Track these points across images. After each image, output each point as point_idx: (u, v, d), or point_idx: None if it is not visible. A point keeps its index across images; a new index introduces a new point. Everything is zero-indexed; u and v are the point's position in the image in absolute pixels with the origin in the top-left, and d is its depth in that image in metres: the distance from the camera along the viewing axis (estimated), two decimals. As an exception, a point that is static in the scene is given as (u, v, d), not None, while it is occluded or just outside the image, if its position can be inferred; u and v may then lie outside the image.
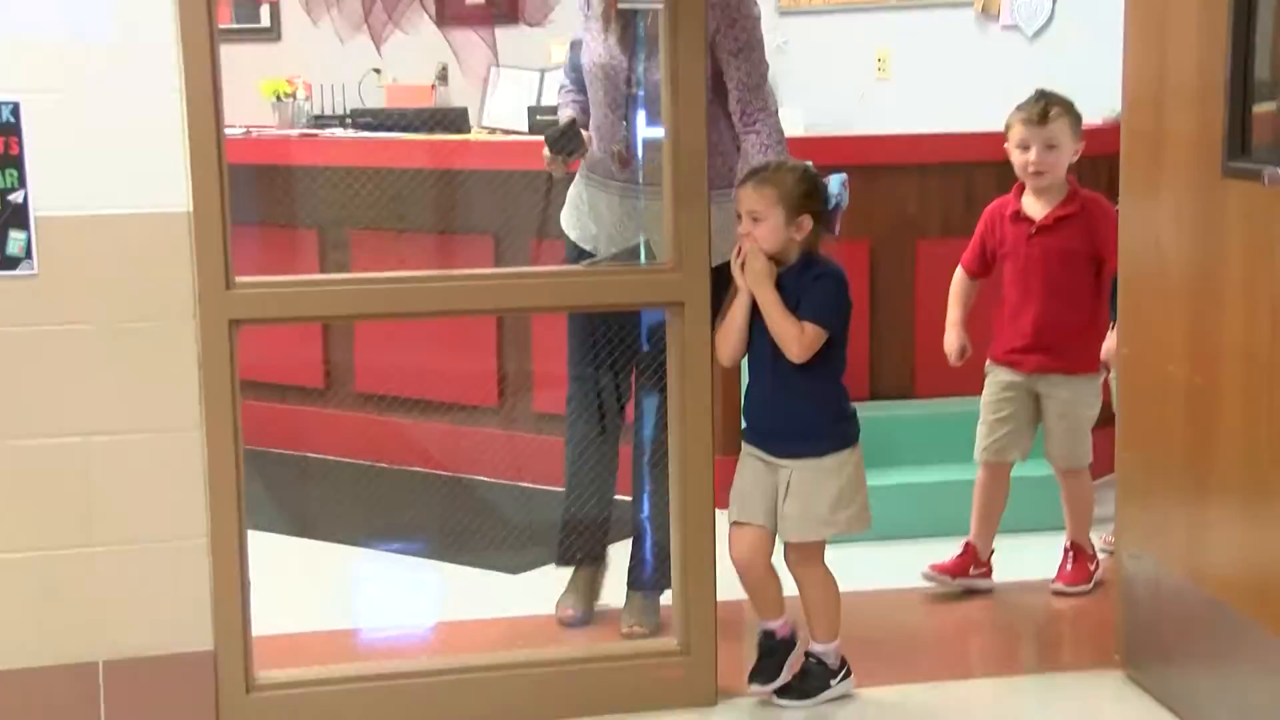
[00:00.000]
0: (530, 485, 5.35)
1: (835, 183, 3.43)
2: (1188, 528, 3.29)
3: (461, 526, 5.02)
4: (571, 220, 3.97)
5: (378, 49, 3.07)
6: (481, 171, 5.48)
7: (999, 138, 4.26)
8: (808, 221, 3.37)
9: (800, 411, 3.45)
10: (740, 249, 3.41)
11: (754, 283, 3.39)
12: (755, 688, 3.50)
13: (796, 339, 3.36)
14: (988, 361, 4.31)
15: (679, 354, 3.43)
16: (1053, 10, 7.27)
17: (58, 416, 3.16)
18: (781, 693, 3.51)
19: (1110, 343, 4.14)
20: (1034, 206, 4.19)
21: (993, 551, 4.32)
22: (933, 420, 4.90)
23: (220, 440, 3.22)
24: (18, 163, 3.07)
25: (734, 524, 3.53)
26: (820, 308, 3.38)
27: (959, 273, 4.35)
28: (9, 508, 3.16)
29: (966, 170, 5.13)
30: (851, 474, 3.49)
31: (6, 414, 3.14)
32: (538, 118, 5.90)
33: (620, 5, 3.39)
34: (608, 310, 3.82)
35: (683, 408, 3.44)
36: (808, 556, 3.52)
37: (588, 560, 4.09)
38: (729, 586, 3.59)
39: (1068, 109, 4.16)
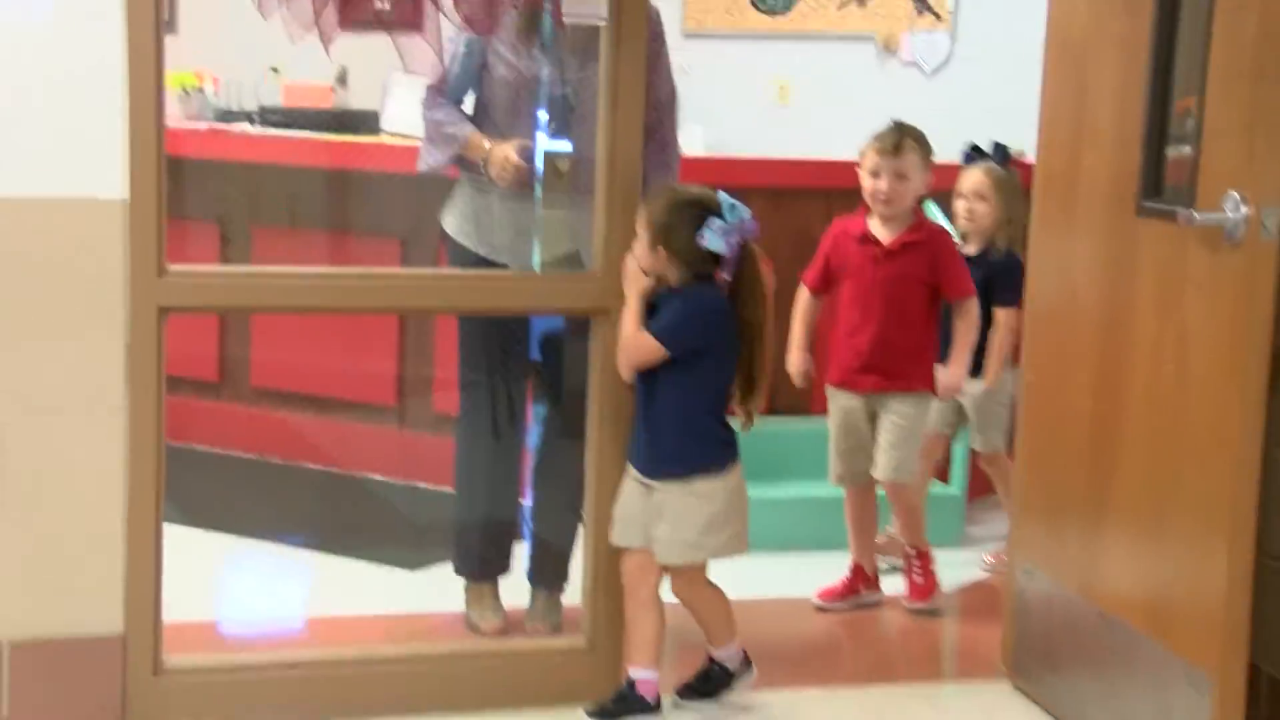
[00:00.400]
0: (427, 485, 5.38)
1: (715, 232, 3.34)
2: (1084, 548, 3.41)
3: (359, 523, 5.04)
4: (467, 230, 3.90)
5: (326, 49, 3.07)
6: (389, 175, 5.50)
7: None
8: (663, 254, 3.36)
9: (666, 433, 3.44)
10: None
11: (624, 283, 3.42)
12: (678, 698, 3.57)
13: (623, 347, 3.40)
14: (827, 386, 4.42)
15: (602, 360, 3.48)
16: (951, 50, 7.50)
17: None
18: (683, 692, 3.57)
19: (952, 377, 4.34)
20: (881, 231, 4.29)
21: (878, 566, 4.46)
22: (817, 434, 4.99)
23: (143, 426, 3.21)
24: None
25: (618, 548, 3.53)
26: (662, 324, 3.37)
27: (803, 291, 4.42)
28: None
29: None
30: (725, 499, 3.46)
31: None
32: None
33: (565, 19, 3.43)
34: (507, 316, 3.84)
35: (601, 414, 3.50)
36: (686, 580, 3.52)
37: (498, 573, 4.09)
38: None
39: (920, 142, 4.29)
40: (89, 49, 3.11)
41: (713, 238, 3.34)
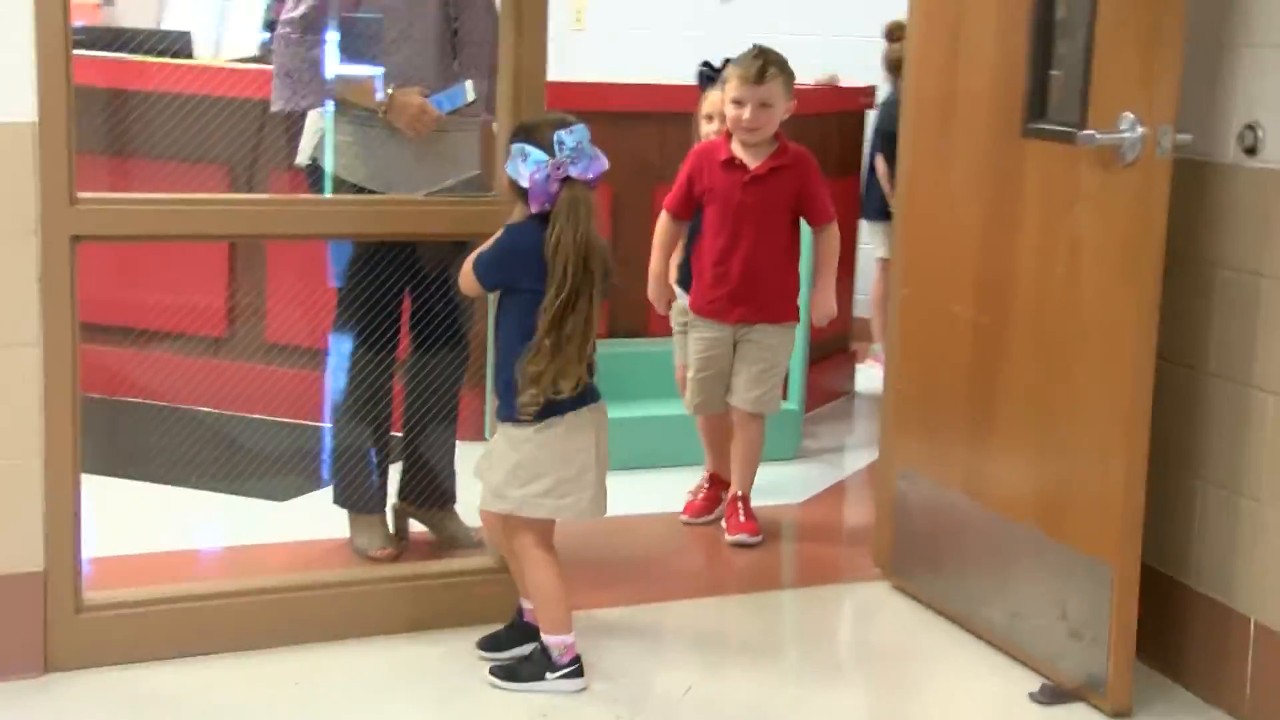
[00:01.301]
0: (265, 416, 5.34)
1: (514, 160, 3.17)
2: (971, 452, 3.59)
3: (210, 457, 4.97)
4: (353, 165, 3.80)
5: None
6: (216, 98, 5.38)
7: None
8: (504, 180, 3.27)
9: (496, 370, 3.34)
10: None
11: None
12: (478, 651, 3.42)
13: (462, 273, 3.31)
14: (688, 313, 4.36)
15: (508, 284, 3.52)
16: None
17: None
18: (495, 669, 3.32)
19: (826, 305, 4.29)
20: (745, 155, 4.21)
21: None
22: (665, 357, 5.08)
23: (58, 357, 3.12)
24: None
25: None
26: (479, 253, 3.26)
27: (664, 217, 4.34)
28: None
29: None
30: (531, 453, 3.20)
31: None
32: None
33: None
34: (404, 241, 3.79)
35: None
36: (496, 528, 3.36)
37: (383, 503, 4.06)
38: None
39: (783, 68, 4.20)
40: None
41: (511, 166, 3.17)
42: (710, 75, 4.56)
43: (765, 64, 4.16)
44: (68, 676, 3.19)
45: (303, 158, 3.85)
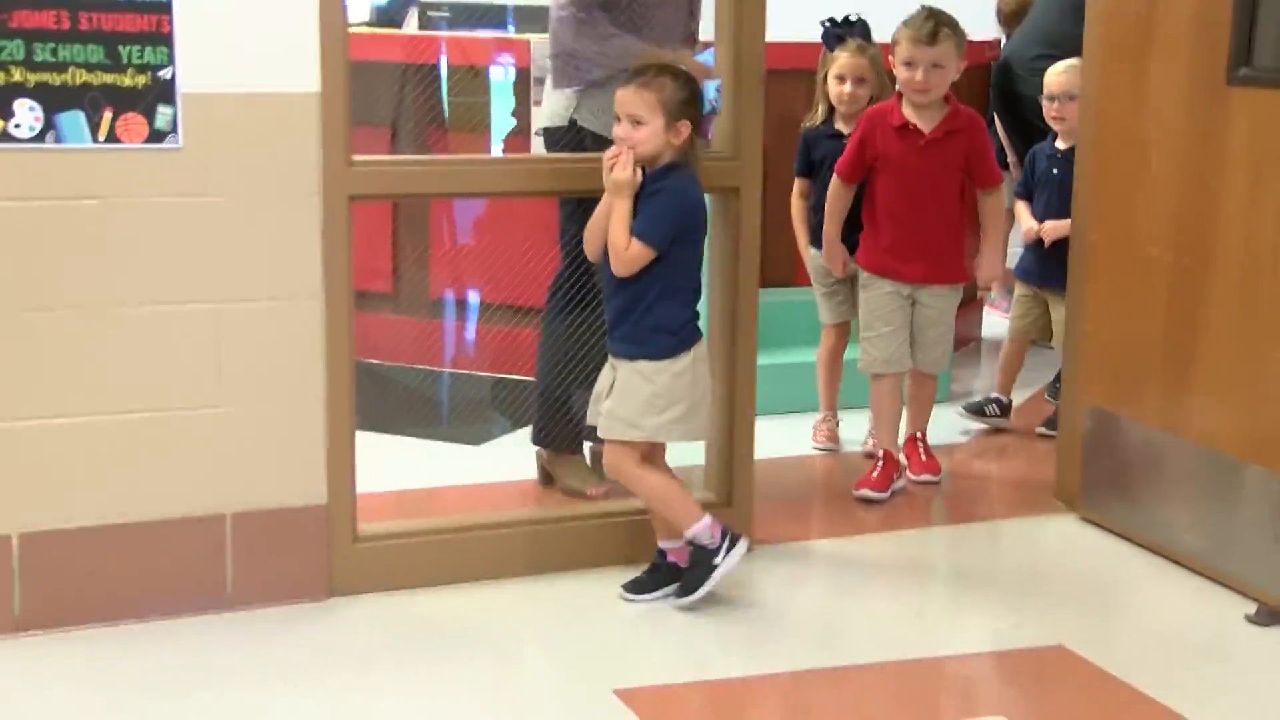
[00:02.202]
0: (431, 368, 5.60)
1: (711, 88, 3.45)
2: (1167, 388, 3.75)
3: (403, 406, 5.21)
4: (606, 121, 3.85)
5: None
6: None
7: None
8: (685, 127, 3.34)
9: (624, 316, 3.43)
10: (615, 152, 3.37)
11: (614, 190, 3.35)
12: (624, 594, 3.52)
13: (620, 254, 3.34)
14: (860, 269, 4.39)
15: (733, 237, 3.70)
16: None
17: (193, 283, 3.23)
18: (678, 593, 3.47)
19: (994, 267, 4.37)
20: (919, 119, 4.20)
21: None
22: (812, 305, 5.20)
23: (338, 307, 3.35)
24: (168, 40, 3.11)
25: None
26: (649, 225, 3.34)
27: (835, 182, 4.35)
28: (147, 369, 3.22)
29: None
30: (667, 383, 3.38)
31: (147, 280, 3.18)
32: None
33: None
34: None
35: (736, 283, 3.72)
36: (617, 456, 3.46)
37: (580, 443, 4.25)
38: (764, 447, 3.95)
39: (954, 29, 4.17)
40: None
41: (718, 99, 3.41)
42: (838, 35, 4.67)
43: (937, 25, 4.15)
44: (348, 600, 3.43)
45: (555, 120, 4.02)
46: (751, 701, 3.15)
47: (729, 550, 3.44)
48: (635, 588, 3.53)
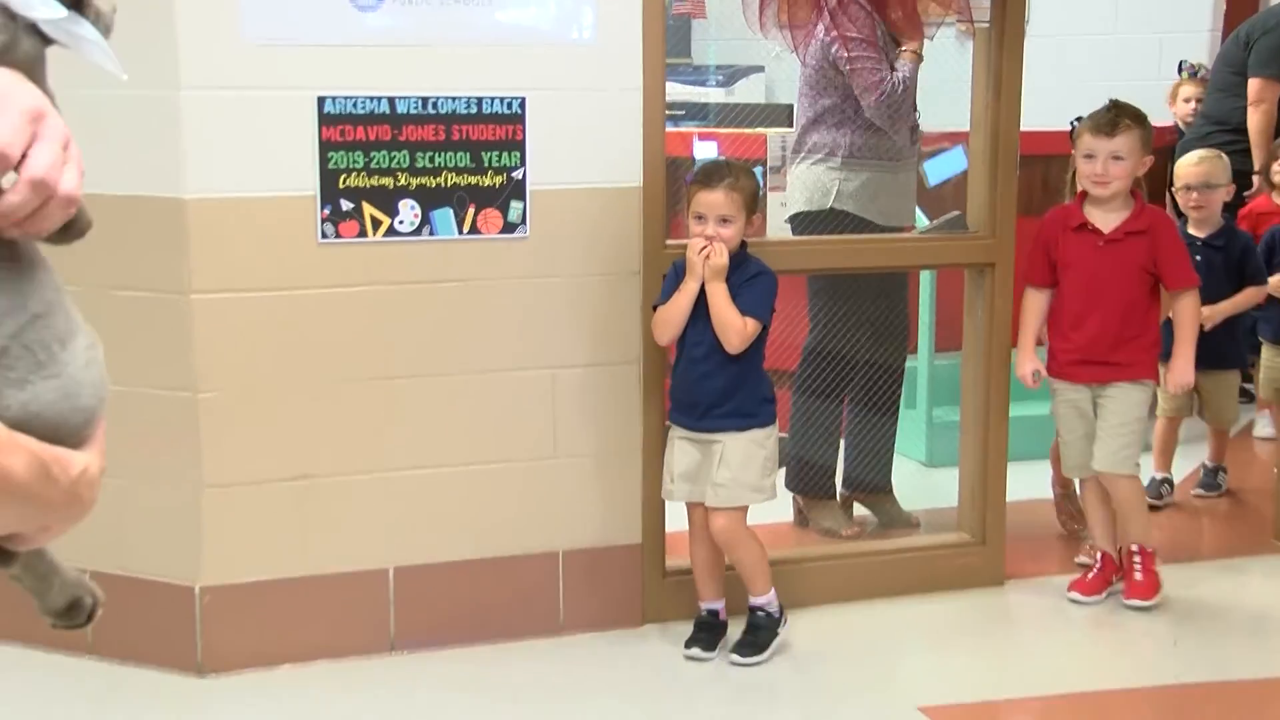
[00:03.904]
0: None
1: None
2: None
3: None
4: (864, 203, 4.33)
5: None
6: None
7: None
8: (757, 220, 3.68)
9: (731, 392, 3.58)
10: (706, 244, 3.52)
11: (713, 278, 3.49)
12: (696, 652, 3.66)
13: (740, 331, 3.48)
14: (1049, 378, 4.11)
15: (988, 306, 4.02)
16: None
17: (533, 352, 3.64)
18: (742, 653, 3.65)
19: (1181, 373, 4.03)
20: (1099, 218, 3.98)
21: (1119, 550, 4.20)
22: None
23: (652, 371, 3.74)
24: (521, 146, 3.55)
25: (691, 506, 3.67)
26: (758, 305, 3.52)
27: (1029, 290, 4.11)
28: (493, 427, 3.63)
29: (1044, 162, 5.54)
30: (773, 448, 3.63)
31: (497, 349, 3.61)
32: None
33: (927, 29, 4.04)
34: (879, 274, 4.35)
35: (990, 347, 4.05)
36: (734, 521, 3.60)
37: (834, 488, 4.63)
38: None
39: (1138, 120, 3.97)
40: (614, 64, 3.62)
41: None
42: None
43: (1118, 115, 3.95)
44: (660, 627, 3.81)
45: (813, 205, 4.39)
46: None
47: (784, 622, 3.71)
48: (749, 652, 3.66)
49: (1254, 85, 6.04)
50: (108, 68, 1.15)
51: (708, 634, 3.69)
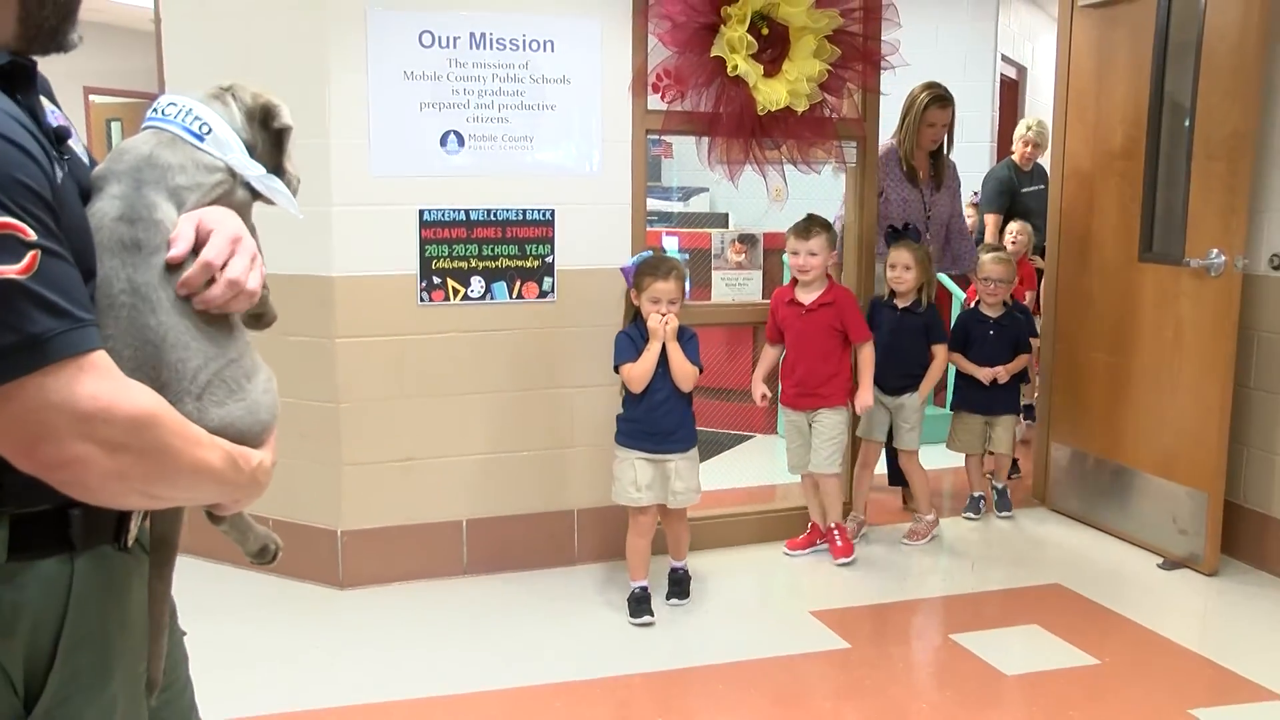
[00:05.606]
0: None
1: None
2: (1105, 433, 5.66)
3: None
4: None
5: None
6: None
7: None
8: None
9: (684, 421, 4.39)
10: (663, 317, 4.34)
11: (670, 339, 4.32)
12: (645, 619, 4.44)
13: (694, 376, 4.32)
14: (781, 405, 5.18)
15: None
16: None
17: (558, 377, 4.98)
18: (676, 596, 4.63)
19: (864, 399, 5.02)
20: (802, 294, 4.97)
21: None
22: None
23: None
24: (551, 241, 4.94)
25: (646, 509, 4.41)
26: (697, 356, 4.37)
27: (766, 345, 5.14)
28: (531, 425, 4.95)
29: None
30: (697, 460, 4.42)
31: (534, 375, 4.92)
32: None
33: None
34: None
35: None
36: (686, 514, 4.47)
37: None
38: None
39: (825, 227, 4.90)
40: (616, 196, 4.95)
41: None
42: (892, 236, 5.45)
43: (811, 223, 4.91)
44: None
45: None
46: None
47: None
48: (679, 595, 4.62)
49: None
50: (290, 211, 1.52)
51: (646, 604, 4.43)
